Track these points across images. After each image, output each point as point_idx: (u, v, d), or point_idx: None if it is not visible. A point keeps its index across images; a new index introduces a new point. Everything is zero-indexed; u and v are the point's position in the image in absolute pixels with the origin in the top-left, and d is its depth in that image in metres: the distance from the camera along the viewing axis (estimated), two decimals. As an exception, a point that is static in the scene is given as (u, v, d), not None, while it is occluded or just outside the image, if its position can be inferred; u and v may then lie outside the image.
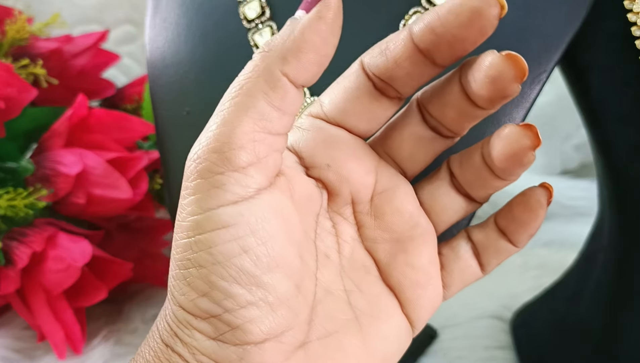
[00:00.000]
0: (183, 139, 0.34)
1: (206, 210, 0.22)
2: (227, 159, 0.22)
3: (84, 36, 0.54)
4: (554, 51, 0.30)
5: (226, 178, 0.22)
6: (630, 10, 0.31)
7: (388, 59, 0.25)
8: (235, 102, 0.23)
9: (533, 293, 0.46)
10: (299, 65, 0.23)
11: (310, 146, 0.26)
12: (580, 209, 0.62)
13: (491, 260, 0.27)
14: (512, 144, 0.24)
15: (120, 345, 0.45)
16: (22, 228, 0.43)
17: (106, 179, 0.44)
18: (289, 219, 0.24)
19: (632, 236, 0.35)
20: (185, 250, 0.22)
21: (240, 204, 0.22)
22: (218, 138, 0.22)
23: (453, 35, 0.23)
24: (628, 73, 0.32)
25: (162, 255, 0.52)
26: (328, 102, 0.26)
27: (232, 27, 0.34)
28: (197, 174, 0.22)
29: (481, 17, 0.23)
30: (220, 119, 0.23)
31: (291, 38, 0.23)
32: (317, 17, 0.23)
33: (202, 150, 0.22)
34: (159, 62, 0.35)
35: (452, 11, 0.23)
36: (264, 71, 0.23)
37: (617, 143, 0.34)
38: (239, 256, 0.22)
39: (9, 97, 0.44)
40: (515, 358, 0.43)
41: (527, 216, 0.26)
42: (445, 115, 0.26)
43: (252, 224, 0.22)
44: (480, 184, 0.26)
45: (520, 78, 0.23)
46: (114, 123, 0.48)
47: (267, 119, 0.23)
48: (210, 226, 0.22)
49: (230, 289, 0.22)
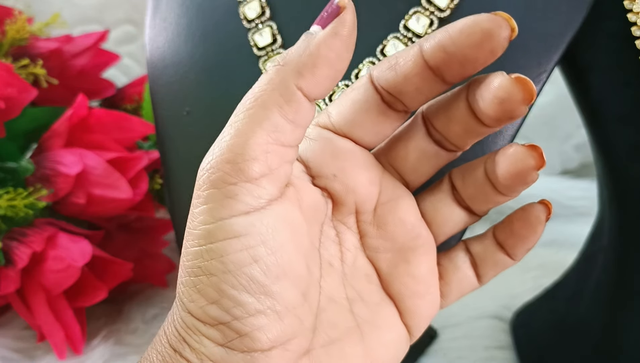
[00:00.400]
0: (183, 139, 0.34)
1: (218, 219, 0.22)
2: (240, 170, 0.22)
3: (84, 36, 0.54)
4: (554, 51, 0.30)
5: (239, 189, 0.22)
6: (630, 10, 0.31)
7: (397, 74, 0.25)
8: (250, 113, 0.23)
9: (533, 293, 0.46)
10: (314, 80, 0.23)
11: (317, 156, 0.26)
12: (580, 209, 0.62)
13: (488, 271, 0.28)
14: (517, 163, 0.25)
15: (120, 345, 0.45)
16: (22, 228, 0.43)
17: (106, 179, 0.44)
18: (297, 229, 0.24)
19: (632, 236, 0.35)
20: (196, 258, 0.23)
21: (252, 215, 0.22)
22: (232, 149, 0.23)
23: (464, 54, 0.23)
24: (628, 73, 0.32)
25: (162, 255, 0.52)
26: (336, 113, 0.27)
27: (232, 27, 0.34)
28: (210, 184, 0.23)
29: (492, 38, 0.23)
30: (234, 130, 0.23)
31: (307, 53, 0.23)
32: (333, 33, 0.23)
33: (216, 160, 0.23)
34: (159, 62, 0.35)
35: (464, 31, 0.23)
36: (279, 84, 0.23)
37: (617, 143, 0.34)
38: (249, 266, 0.22)
39: (9, 97, 0.44)
40: (515, 358, 0.43)
41: (526, 231, 0.27)
42: (450, 130, 0.26)
43: (263, 235, 0.22)
44: (481, 199, 0.27)
45: (528, 101, 0.24)
46: (114, 123, 0.48)
47: (281, 132, 0.23)
48: (222, 235, 0.22)
49: (239, 297, 0.22)
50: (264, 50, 0.32)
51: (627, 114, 0.33)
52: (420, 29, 0.31)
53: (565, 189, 0.65)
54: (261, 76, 0.24)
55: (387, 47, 0.31)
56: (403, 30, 0.31)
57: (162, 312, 0.49)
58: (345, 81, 0.31)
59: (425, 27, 0.31)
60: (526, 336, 0.43)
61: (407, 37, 0.31)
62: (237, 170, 0.22)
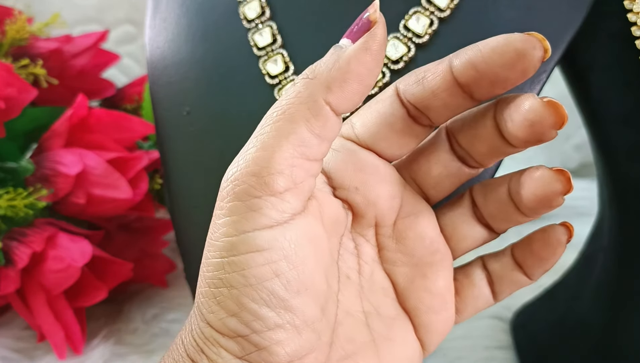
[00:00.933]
0: (183, 139, 0.34)
1: (241, 233, 0.22)
2: (265, 183, 0.22)
3: (84, 36, 0.54)
4: (554, 50, 0.30)
5: (263, 202, 0.22)
6: (630, 10, 0.31)
7: (425, 89, 0.25)
8: (277, 126, 0.23)
9: (533, 293, 0.46)
10: (342, 94, 0.23)
11: (340, 168, 0.26)
12: (580, 209, 0.62)
13: (505, 289, 0.28)
14: (545, 187, 0.25)
15: (120, 345, 0.45)
16: (22, 228, 0.43)
17: (106, 179, 0.44)
18: (319, 244, 0.24)
19: (632, 236, 0.35)
20: (217, 269, 0.23)
21: (275, 229, 0.22)
22: (257, 162, 0.22)
23: (495, 74, 0.23)
24: (628, 73, 0.32)
25: (162, 255, 0.52)
26: (360, 125, 0.26)
27: (232, 27, 0.34)
28: (234, 196, 0.22)
29: (525, 59, 0.23)
30: (260, 142, 0.23)
31: (336, 67, 0.23)
32: (364, 48, 0.23)
33: (240, 172, 0.23)
34: (159, 62, 0.35)
35: (496, 50, 0.23)
36: (307, 98, 0.23)
37: (617, 143, 0.34)
38: (270, 280, 0.22)
39: (9, 97, 0.44)
40: (515, 358, 0.43)
41: (545, 252, 0.26)
42: (474, 148, 0.26)
43: (285, 249, 0.22)
44: (502, 218, 0.27)
45: (559, 125, 0.23)
46: (114, 123, 0.48)
47: (307, 146, 0.23)
48: (244, 248, 0.22)
49: (259, 311, 0.22)
50: (264, 50, 0.32)
51: (627, 114, 0.33)
52: (420, 29, 0.31)
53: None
54: (289, 88, 0.24)
55: (387, 47, 0.31)
56: (403, 30, 0.31)
57: (162, 312, 0.49)
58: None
59: (425, 27, 0.31)
60: (526, 336, 0.43)
61: (407, 37, 0.31)
62: (262, 183, 0.22)
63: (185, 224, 0.34)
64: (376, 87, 0.30)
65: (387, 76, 0.31)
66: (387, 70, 0.31)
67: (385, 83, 0.30)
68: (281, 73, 0.32)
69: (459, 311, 0.28)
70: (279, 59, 0.32)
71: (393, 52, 0.31)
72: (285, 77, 0.32)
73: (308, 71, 0.23)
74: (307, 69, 0.24)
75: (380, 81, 0.30)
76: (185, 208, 0.34)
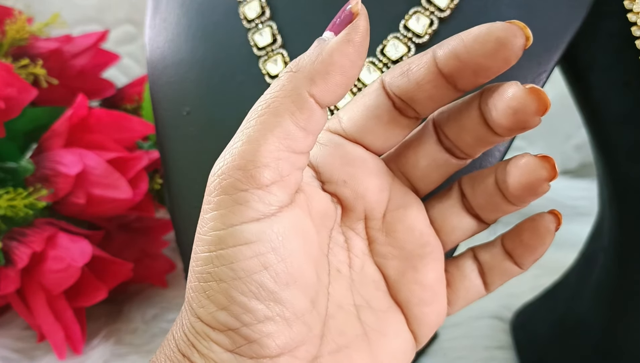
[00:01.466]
0: (183, 139, 0.34)
1: (229, 226, 0.22)
2: (251, 176, 0.22)
3: (84, 36, 0.54)
4: (554, 51, 0.30)
5: (250, 195, 0.22)
6: (630, 10, 0.31)
7: (410, 81, 0.25)
8: (262, 120, 0.23)
9: (533, 293, 0.46)
10: (326, 87, 0.23)
11: (327, 162, 0.26)
12: (580, 209, 0.62)
13: (496, 279, 0.28)
14: (529, 174, 0.25)
15: (120, 345, 0.45)
16: (22, 228, 0.43)
17: (106, 179, 0.44)
18: (307, 236, 0.24)
19: (632, 236, 0.35)
20: (206, 264, 0.23)
21: (262, 222, 0.22)
22: (243, 155, 0.22)
23: (477, 63, 0.23)
24: (628, 73, 0.32)
25: (162, 255, 0.52)
26: (347, 118, 0.27)
27: (232, 27, 0.34)
28: (221, 190, 0.23)
29: (506, 47, 0.23)
30: (246, 136, 0.23)
31: (319, 60, 0.23)
32: (346, 40, 0.23)
33: (227, 166, 0.23)
34: (159, 62, 0.35)
35: (478, 40, 0.23)
36: (291, 91, 0.23)
37: (617, 143, 0.34)
38: (259, 273, 0.22)
39: (9, 97, 0.44)
40: (515, 358, 0.43)
41: (534, 241, 0.27)
42: (461, 139, 0.26)
43: (273, 242, 0.22)
44: (491, 208, 0.27)
45: (542, 112, 0.23)
46: (114, 123, 0.48)
47: (292, 139, 0.23)
48: (232, 242, 0.22)
49: (249, 304, 0.22)
50: (264, 50, 0.32)
51: (627, 114, 0.33)
52: (420, 29, 0.31)
53: (565, 189, 0.65)
54: (273, 82, 0.24)
55: (387, 47, 0.31)
56: (403, 30, 0.31)
57: (162, 312, 0.49)
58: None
59: (425, 27, 0.31)
60: (526, 336, 0.43)
61: (407, 37, 0.31)
62: (248, 177, 0.22)
63: (185, 225, 0.34)
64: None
65: (387, 76, 0.31)
66: (387, 70, 0.31)
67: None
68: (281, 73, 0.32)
69: (451, 302, 0.28)
70: (279, 59, 0.32)
71: (393, 52, 0.31)
72: (285, 77, 0.32)
73: (292, 65, 0.23)
74: (291, 63, 0.24)
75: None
76: (185, 208, 0.34)
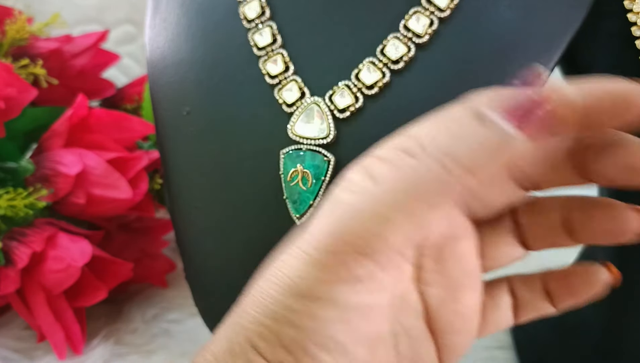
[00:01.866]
0: (183, 139, 0.34)
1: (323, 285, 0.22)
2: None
3: (84, 36, 0.54)
4: (554, 51, 0.30)
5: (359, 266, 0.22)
6: (630, 10, 0.31)
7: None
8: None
9: (533, 293, 0.46)
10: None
11: None
12: (580, 209, 0.62)
13: (528, 315, 0.27)
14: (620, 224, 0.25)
15: (120, 345, 0.45)
16: (22, 228, 0.43)
17: (106, 179, 0.44)
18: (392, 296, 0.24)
19: (632, 236, 0.35)
20: (285, 308, 0.22)
21: (359, 291, 0.22)
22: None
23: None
24: (628, 73, 0.32)
25: (162, 255, 0.52)
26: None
27: (232, 27, 0.34)
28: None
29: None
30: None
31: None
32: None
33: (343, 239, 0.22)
34: (159, 62, 0.35)
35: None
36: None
37: (617, 143, 0.34)
38: (339, 331, 0.22)
39: (9, 97, 0.44)
40: (515, 358, 0.43)
41: (583, 290, 0.26)
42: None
43: (361, 309, 0.22)
44: (548, 242, 0.26)
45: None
46: (114, 123, 0.48)
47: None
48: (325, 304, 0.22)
49: (318, 355, 0.22)
50: (264, 50, 0.32)
51: (627, 114, 0.32)
52: (420, 29, 0.31)
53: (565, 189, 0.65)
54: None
55: (387, 47, 0.31)
56: (403, 30, 0.31)
57: (162, 312, 0.49)
58: (345, 81, 0.31)
59: (425, 27, 0.31)
60: (526, 336, 0.43)
61: (407, 37, 0.31)
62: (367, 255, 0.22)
63: (185, 225, 0.34)
64: (376, 87, 0.30)
65: (387, 76, 0.30)
66: (387, 70, 0.31)
67: (385, 83, 0.30)
68: (281, 73, 0.32)
69: (480, 330, 0.27)
70: (279, 59, 0.32)
71: (393, 52, 0.31)
72: (285, 77, 0.32)
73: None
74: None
75: (380, 81, 0.30)
76: (185, 208, 0.34)
